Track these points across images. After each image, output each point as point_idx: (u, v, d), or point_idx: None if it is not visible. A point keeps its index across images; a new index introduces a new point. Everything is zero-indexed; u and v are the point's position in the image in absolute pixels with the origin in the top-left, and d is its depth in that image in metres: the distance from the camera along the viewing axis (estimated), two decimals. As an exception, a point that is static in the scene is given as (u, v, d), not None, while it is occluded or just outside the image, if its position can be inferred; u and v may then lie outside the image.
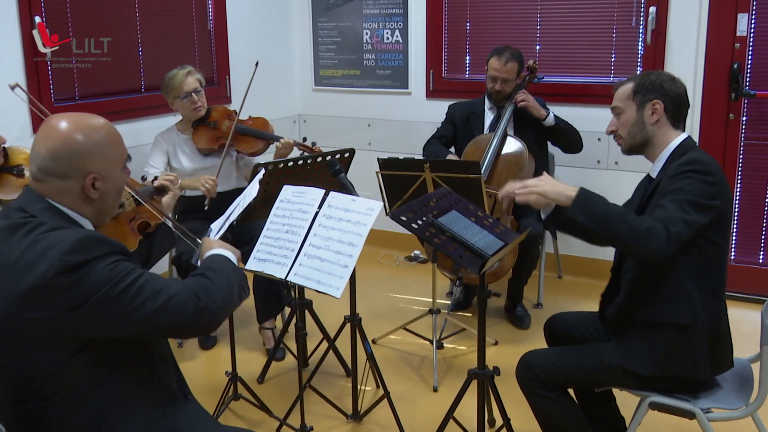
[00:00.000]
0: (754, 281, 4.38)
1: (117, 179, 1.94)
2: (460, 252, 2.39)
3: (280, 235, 2.73)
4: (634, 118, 2.53)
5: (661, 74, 2.55)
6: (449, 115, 4.55)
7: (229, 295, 1.95)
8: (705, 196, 2.31)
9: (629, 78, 2.60)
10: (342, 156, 3.38)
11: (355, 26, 5.48)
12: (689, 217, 2.28)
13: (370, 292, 4.76)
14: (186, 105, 3.97)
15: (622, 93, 2.57)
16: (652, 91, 2.50)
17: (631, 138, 2.55)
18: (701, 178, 2.32)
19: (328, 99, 5.73)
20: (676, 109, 2.51)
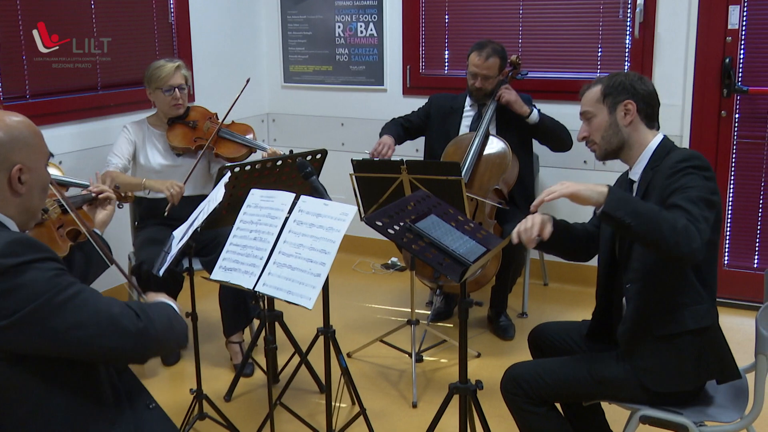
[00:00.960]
0: (748, 287, 4.43)
1: (42, 174, 1.96)
2: (440, 259, 2.39)
3: (247, 243, 2.71)
4: (607, 121, 2.56)
5: (628, 74, 2.59)
6: (428, 104, 4.56)
7: (170, 330, 1.94)
8: (710, 192, 2.33)
9: (594, 81, 2.64)
10: (313, 157, 3.38)
11: (327, 19, 5.48)
12: (707, 215, 2.28)
13: (345, 302, 4.75)
14: (167, 99, 3.96)
15: (591, 97, 2.60)
16: (622, 91, 2.54)
17: (606, 142, 2.58)
18: (702, 173, 2.35)
19: (299, 97, 5.72)
20: (649, 107, 2.54)
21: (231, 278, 2.67)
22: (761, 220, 4.52)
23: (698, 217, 2.24)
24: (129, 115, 4.39)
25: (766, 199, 4.49)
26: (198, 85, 5.09)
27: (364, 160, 3.66)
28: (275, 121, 5.82)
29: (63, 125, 4.30)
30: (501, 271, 4.05)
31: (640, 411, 2.49)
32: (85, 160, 4.29)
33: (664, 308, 2.46)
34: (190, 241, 2.91)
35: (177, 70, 3.95)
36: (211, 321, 4.24)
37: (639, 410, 2.50)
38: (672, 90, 4.50)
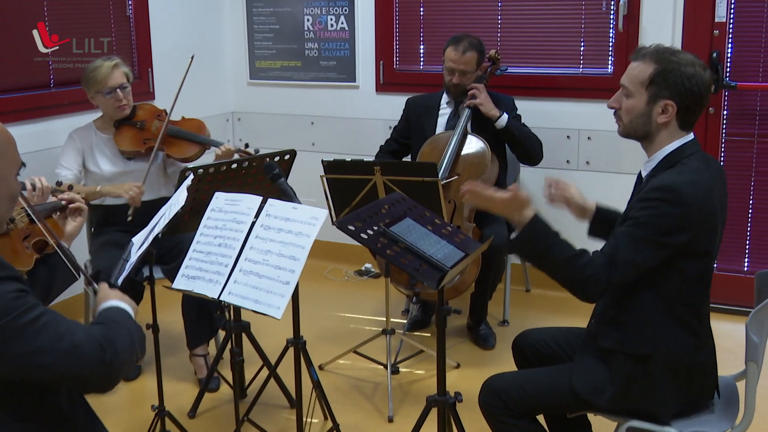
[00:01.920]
0: (738, 291, 4.47)
1: (11, 184, 1.94)
2: (416, 265, 2.39)
3: (211, 249, 2.70)
4: (642, 109, 2.47)
5: (685, 67, 2.41)
6: (405, 110, 4.58)
7: (131, 352, 1.93)
8: (665, 232, 2.33)
9: (652, 51, 2.47)
10: (281, 158, 3.37)
11: (295, 12, 5.47)
12: (639, 259, 2.35)
13: (316, 311, 4.74)
14: (109, 102, 3.92)
15: (638, 74, 2.47)
16: (669, 87, 2.42)
17: (632, 128, 2.52)
18: (670, 209, 2.32)
19: (266, 94, 5.71)
20: (689, 113, 2.46)
21: (194, 287, 2.66)
22: (751, 221, 4.58)
23: (620, 263, 2.34)
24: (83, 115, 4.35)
25: (756, 199, 4.55)
26: (158, 82, 5.06)
27: (336, 161, 3.66)
28: (240, 120, 5.80)
29: (11, 125, 4.25)
30: (480, 277, 4.06)
31: (628, 423, 2.51)
32: (34, 162, 4.23)
33: (613, 324, 2.51)
34: (150, 248, 2.89)
35: (115, 69, 3.89)
36: (173, 333, 4.21)
37: (627, 422, 2.52)
38: (658, 86, 4.55)
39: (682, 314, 2.44)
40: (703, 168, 2.43)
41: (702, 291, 2.48)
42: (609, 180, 4.62)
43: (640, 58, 2.49)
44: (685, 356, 2.46)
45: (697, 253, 2.40)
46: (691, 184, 2.35)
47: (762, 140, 4.48)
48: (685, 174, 2.40)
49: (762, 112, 4.46)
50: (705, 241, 2.40)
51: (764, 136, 4.47)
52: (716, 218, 2.41)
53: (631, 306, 2.47)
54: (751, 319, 2.41)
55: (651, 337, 2.44)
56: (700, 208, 2.34)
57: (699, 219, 2.35)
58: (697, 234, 2.36)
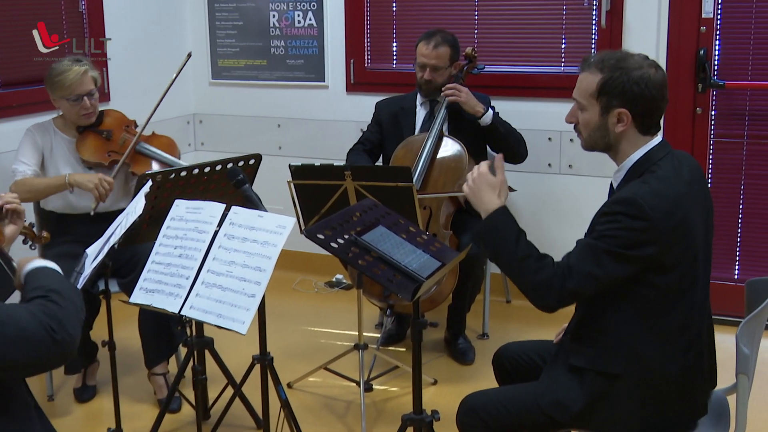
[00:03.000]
0: (729, 300, 4.48)
1: None
2: (390, 275, 2.40)
3: (171, 261, 2.69)
4: (597, 122, 2.50)
5: (631, 72, 2.43)
6: (376, 114, 4.58)
7: (79, 321, 1.98)
8: (628, 246, 2.34)
9: (597, 60, 2.50)
10: (246, 163, 3.36)
11: (260, 7, 5.47)
12: (599, 272, 2.36)
13: (284, 326, 4.73)
14: (75, 109, 3.85)
15: (586, 87, 2.50)
16: (618, 95, 2.44)
17: (592, 141, 2.56)
18: (631, 223, 2.34)
19: (229, 95, 5.69)
20: (647, 117, 2.47)
21: (153, 301, 2.65)
22: (741, 226, 4.63)
23: (578, 273, 2.37)
24: (33, 117, 4.31)
25: (746, 203, 4.60)
26: (113, 83, 5.03)
27: (304, 166, 3.66)
28: (202, 123, 5.78)
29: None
30: (458, 287, 4.07)
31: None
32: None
33: (583, 342, 2.52)
34: (105, 260, 2.88)
35: (84, 75, 3.82)
36: (131, 350, 4.18)
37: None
38: (643, 85, 4.59)
39: (661, 329, 2.44)
40: (673, 174, 2.44)
41: (686, 302, 2.47)
42: (592, 184, 4.65)
43: (586, 69, 2.52)
44: (661, 375, 2.45)
45: (670, 265, 2.40)
46: (653, 195, 2.36)
47: (752, 142, 4.53)
48: (650, 184, 2.41)
49: (752, 112, 4.51)
50: (677, 252, 2.39)
51: (754, 137, 4.53)
52: (688, 226, 2.40)
53: (605, 323, 2.48)
54: (742, 330, 2.42)
55: (624, 355, 2.45)
56: (664, 220, 2.34)
57: (665, 231, 2.35)
58: (665, 246, 2.36)
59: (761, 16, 4.39)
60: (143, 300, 2.67)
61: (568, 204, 4.78)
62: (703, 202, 2.52)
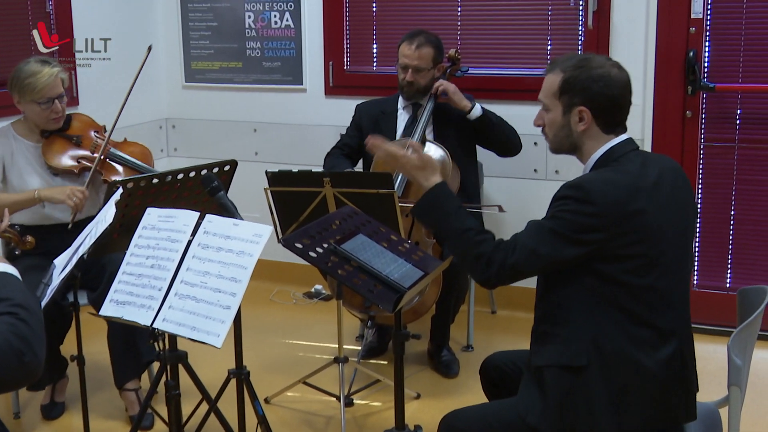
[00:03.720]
0: (720, 309, 4.53)
1: None
2: (371, 285, 2.40)
3: (143, 271, 2.69)
4: (560, 121, 2.59)
5: (592, 70, 2.54)
6: (356, 117, 4.58)
7: (44, 338, 1.97)
8: (576, 230, 2.40)
9: (562, 61, 2.61)
10: (221, 169, 3.36)
11: (235, 7, 5.47)
12: (542, 250, 2.43)
13: (261, 338, 4.72)
14: (44, 114, 3.80)
15: (550, 87, 2.61)
16: (579, 93, 2.54)
17: (558, 142, 2.65)
18: (578, 207, 2.41)
19: (203, 98, 5.69)
20: (608, 115, 2.56)
21: (124, 314, 2.64)
22: (733, 233, 4.65)
23: (521, 248, 2.44)
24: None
25: (738, 209, 4.62)
26: (82, 86, 5.01)
27: (281, 172, 3.65)
28: (175, 128, 5.77)
29: None
30: (442, 297, 4.08)
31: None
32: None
33: (545, 338, 2.55)
34: (74, 271, 2.86)
35: (56, 77, 3.78)
36: (101, 365, 4.16)
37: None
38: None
39: (623, 321, 2.45)
40: (634, 168, 2.49)
41: (653, 300, 2.48)
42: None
43: (550, 70, 2.63)
44: (627, 366, 2.45)
45: (619, 255, 2.43)
46: (602, 182, 2.45)
47: (743, 146, 4.56)
48: (603, 173, 2.50)
49: (743, 115, 4.54)
50: (628, 243, 2.43)
51: (746, 141, 4.56)
52: (643, 220, 2.43)
53: (562, 316, 2.50)
54: (733, 340, 2.44)
55: (586, 346, 2.46)
56: (613, 207, 2.40)
57: (613, 218, 2.40)
58: (612, 234, 2.41)
59: (752, 16, 4.43)
60: (114, 312, 2.66)
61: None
62: (677, 205, 2.55)
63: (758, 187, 4.59)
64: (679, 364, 2.51)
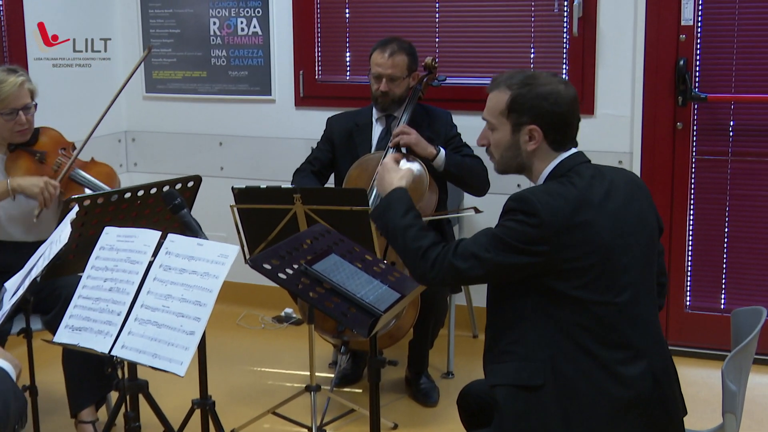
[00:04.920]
0: (714, 332, 4.55)
1: None
2: (344, 309, 2.40)
3: (101, 295, 2.67)
4: (509, 140, 2.64)
5: (539, 87, 2.60)
6: (327, 131, 4.58)
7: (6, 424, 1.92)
8: (521, 240, 2.44)
9: (505, 78, 2.66)
10: (184, 186, 3.35)
11: (199, 14, 5.47)
12: (485, 255, 2.48)
13: (227, 366, 4.70)
14: (8, 125, 3.77)
15: (495, 104, 2.64)
16: (528, 111, 2.58)
17: (505, 163, 2.70)
18: (523, 218, 2.45)
19: (165, 110, 5.68)
20: (558, 133, 2.60)
21: (80, 340, 2.62)
22: (727, 251, 4.67)
23: (462, 252, 2.50)
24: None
25: (732, 226, 4.64)
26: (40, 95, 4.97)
27: (248, 188, 3.65)
28: (135, 141, 5.75)
29: None
30: (420, 321, 4.08)
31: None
32: None
33: (499, 357, 2.57)
34: (26, 295, 2.84)
35: (21, 87, 3.76)
36: (56, 395, 4.13)
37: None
38: (618, 98, 4.65)
39: (581, 340, 2.47)
40: (581, 181, 2.54)
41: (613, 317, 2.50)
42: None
43: (495, 88, 2.67)
44: (587, 389, 2.46)
45: (568, 269, 2.46)
46: (547, 194, 2.49)
47: (737, 159, 4.59)
48: (548, 185, 2.57)
49: (737, 127, 4.58)
50: (575, 256, 2.46)
51: (739, 154, 4.59)
52: (589, 233, 2.47)
53: (519, 336, 2.52)
54: (728, 365, 2.45)
55: (541, 365, 2.48)
56: (556, 219, 2.44)
57: (558, 229, 2.44)
58: (559, 246, 2.44)
59: (745, 22, 4.46)
60: (69, 339, 2.64)
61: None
62: (634, 217, 2.58)
63: (753, 203, 4.62)
64: (649, 384, 2.51)
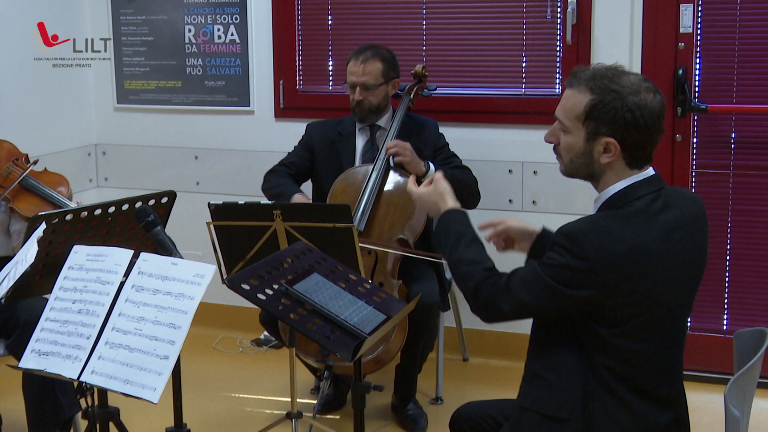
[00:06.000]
0: (716, 354, 4.57)
1: None
2: (326, 331, 2.40)
3: (69, 317, 2.66)
4: (581, 148, 2.53)
5: (626, 97, 2.45)
6: (306, 138, 4.59)
7: None
8: (565, 284, 2.41)
9: (590, 77, 2.51)
10: (158, 202, 3.35)
11: (174, 20, 5.47)
12: (532, 301, 2.46)
13: (203, 391, 4.69)
14: None
15: (572, 107, 2.51)
16: (609, 122, 2.45)
17: (573, 168, 2.60)
18: (569, 260, 2.40)
19: (137, 121, 5.67)
20: (637, 149, 2.50)
21: (48, 366, 2.61)
22: (729, 269, 4.69)
23: (510, 293, 2.49)
24: None
25: (734, 243, 4.66)
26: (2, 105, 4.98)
27: (226, 204, 3.65)
28: (106, 155, 5.74)
29: None
30: (408, 344, 4.07)
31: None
32: None
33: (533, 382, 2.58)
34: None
35: None
36: (20, 424, 4.11)
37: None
38: (615, 109, 4.67)
39: (619, 389, 2.47)
40: (642, 221, 2.46)
41: (650, 370, 2.50)
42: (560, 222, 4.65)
43: (574, 85, 2.53)
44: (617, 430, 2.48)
45: (619, 318, 2.43)
46: (599, 234, 2.41)
47: (739, 172, 4.61)
48: (605, 220, 2.47)
49: (739, 139, 4.60)
50: (624, 305, 2.42)
51: (742, 167, 4.60)
52: (644, 283, 2.43)
53: (555, 363, 2.52)
54: (730, 389, 2.45)
55: (571, 399, 2.49)
56: (607, 265, 2.38)
57: (607, 278, 2.39)
58: (606, 295, 2.40)
59: (746, 29, 4.48)
60: (36, 365, 2.63)
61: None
62: (687, 266, 2.54)
63: (756, 219, 4.64)
64: None
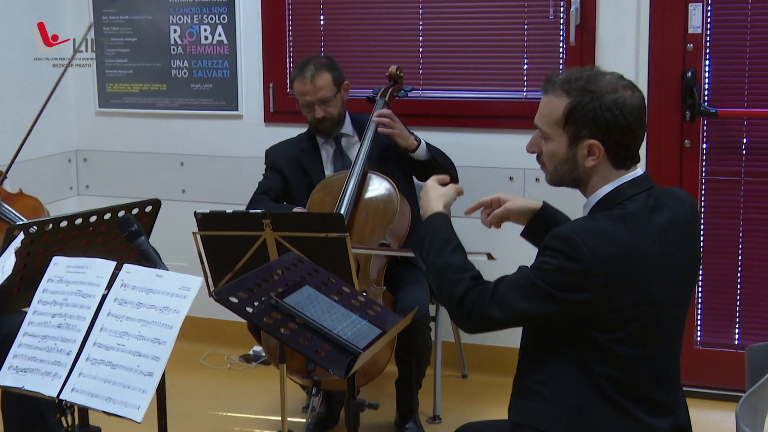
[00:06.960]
0: (727, 371, 4.55)
1: None
2: (318, 346, 2.40)
3: (49, 332, 2.66)
4: (564, 154, 2.57)
5: (603, 96, 2.49)
6: (270, 163, 4.64)
7: None
8: (559, 287, 2.43)
9: (565, 80, 2.55)
10: (141, 211, 3.35)
11: (158, 20, 5.47)
12: (521, 306, 2.48)
13: (189, 409, 4.69)
14: None
15: (551, 113, 2.56)
16: (589, 124, 2.49)
17: (558, 176, 2.63)
18: (564, 263, 2.43)
19: (120, 127, 5.67)
20: (622, 148, 2.53)
21: (26, 383, 2.61)
22: (741, 281, 4.67)
23: (496, 298, 2.50)
24: None
25: (746, 254, 4.65)
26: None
27: (213, 213, 3.65)
28: (87, 161, 5.74)
29: None
30: (401, 358, 4.08)
31: None
32: None
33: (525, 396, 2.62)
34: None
35: None
36: (-3, 445, 4.11)
37: None
38: (620, 113, 4.68)
39: (611, 392, 2.48)
40: (636, 220, 2.49)
41: (648, 375, 2.52)
42: (563, 232, 4.70)
43: (550, 91, 2.58)
44: None
45: (616, 322, 2.45)
46: (593, 234, 2.44)
47: (751, 180, 4.61)
48: (598, 221, 2.49)
49: (750, 144, 4.60)
50: (621, 308, 2.45)
51: (753, 174, 4.60)
52: (641, 283, 2.45)
53: (548, 376, 2.54)
54: (742, 406, 2.45)
55: (567, 413, 2.50)
56: (603, 266, 2.41)
57: (603, 280, 2.42)
58: (603, 297, 2.43)
59: (758, 29, 4.48)
60: (13, 382, 2.63)
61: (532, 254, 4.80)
62: (681, 266, 2.56)
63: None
64: None
